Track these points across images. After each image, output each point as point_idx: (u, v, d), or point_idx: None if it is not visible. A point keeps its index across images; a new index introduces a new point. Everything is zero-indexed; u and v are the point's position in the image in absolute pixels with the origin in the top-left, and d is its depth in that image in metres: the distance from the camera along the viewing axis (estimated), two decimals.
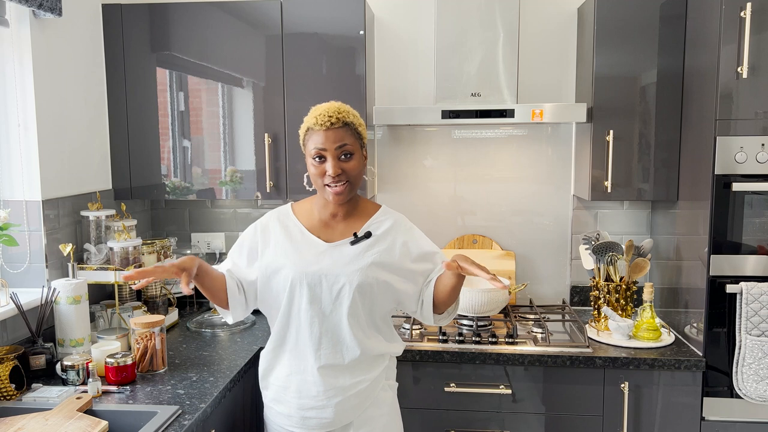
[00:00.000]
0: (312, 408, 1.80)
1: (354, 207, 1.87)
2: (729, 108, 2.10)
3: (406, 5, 2.81)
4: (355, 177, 1.78)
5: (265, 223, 1.90)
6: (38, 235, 2.22)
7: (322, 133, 1.73)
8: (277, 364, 1.86)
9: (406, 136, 2.89)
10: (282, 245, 1.83)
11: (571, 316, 2.63)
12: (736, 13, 2.05)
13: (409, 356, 2.30)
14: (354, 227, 1.84)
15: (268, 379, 1.89)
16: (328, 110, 1.75)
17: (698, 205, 2.25)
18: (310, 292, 1.77)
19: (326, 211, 1.85)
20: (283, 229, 1.86)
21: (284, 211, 1.91)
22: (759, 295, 2.10)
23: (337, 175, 1.74)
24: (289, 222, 1.88)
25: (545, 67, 2.79)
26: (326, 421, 1.81)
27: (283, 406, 1.84)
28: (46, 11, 2.14)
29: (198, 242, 2.97)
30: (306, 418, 1.81)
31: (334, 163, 1.73)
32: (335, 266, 1.78)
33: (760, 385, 2.12)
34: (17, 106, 2.18)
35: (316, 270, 1.78)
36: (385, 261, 1.80)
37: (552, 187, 2.85)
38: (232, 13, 2.53)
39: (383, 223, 1.86)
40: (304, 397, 1.80)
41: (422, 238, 1.89)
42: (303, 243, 1.83)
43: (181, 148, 2.65)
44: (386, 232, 1.84)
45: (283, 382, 1.84)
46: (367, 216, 1.87)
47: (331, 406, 1.79)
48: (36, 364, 2.00)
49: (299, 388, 1.81)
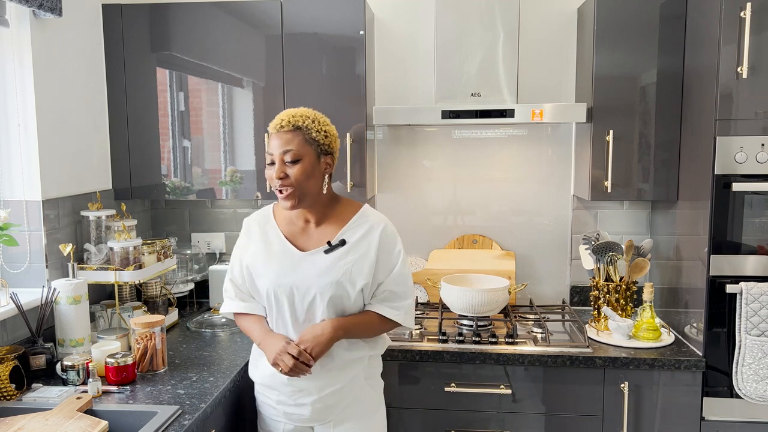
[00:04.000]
0: (290, 405, 1.87)
1: (330, 212, 1.86)
2: (729, 108, 2.10)
3: (406, 5, 2.81)
4: (302, 183, 1.75)
5: (247, 225, 1.94)
6: (38, 235, 2.21)
7: (273, 137, 1.77)
8: (260, 360, 1.92)
9: (406, 136, 2.89)
10: (260, 252, 1.86)
11: (571, 316, 2.63)
12: (736, 13, 2.05)
13: (409, 356, 2.30)
14: (329, 234, 1.84)
15: (254, 374, 1.96)
16: (284, 114, 1.78)
17: (698, 205, 2.25)
18: (286, 301, 1.82)
19: (299, 217, 1.88)
20: (263, 234, 1.89)
21: (265, 215, 1.93)
22: (759, 295, 2.10)
23: (280, 179, 1.74)
24: (269, 227, 1.90)
25: (545, 67, 2.79)
26: (305, 418, 1.88)
27: (266, 398, 1.93)
28: (46, 11, 2.14)
29: (198, 242, 2.97)
30: (288, 413, 1.89)
31: (279, 167, 1.74)
32: (307, 278, 1.80)
33: (759, 385, 2.12)
34: (17, 106, 2.18)
35: (289, 281, 1.80)
36: (358, 270, 1.80)
37: (552, 187, 2.85)
38: (232, 13, 2.53)
39: (358, 229, 1.84)
40: (281, 395, 1.87)
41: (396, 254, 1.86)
42: (279, 251, 1.85)
43: (181, 148, 2.65)
44: (361, 238, 1.82)
45: (261, 379, 1.92)
46: (344, 221, 1.85)
47: (307, 405, 1.85)
48: (36, 364, 2.00)
49: (274, 387, 1.88)
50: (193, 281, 2.83)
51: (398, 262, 1.85)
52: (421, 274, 2.83)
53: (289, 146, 1.74)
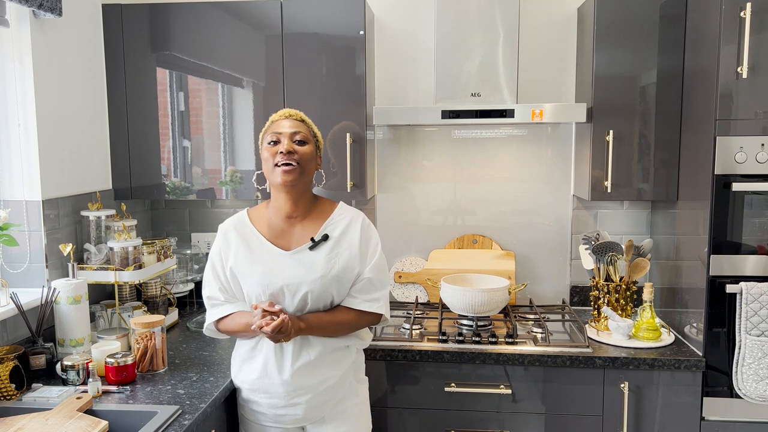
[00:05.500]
0: (283, 407, 1.87)
1: (311, 208, 1.91)
2: (729, 108, 2.10)
3: (406, 5, 2.81)
4: (307, 162, 1.83)
5: (224, 230, 1.93)
6: (38, 235, 2.22)
7: (280, 122, 1.86)
8: (245, 366, 1.92)
9: (406, 136, 2.89)
10: (242, 255, 1.86)
11: (571, 316, 2.63)
12: (736, 13, 2.05)
13: (409, 356, 2.30)
14: (311, 230, 1.88)
15: (237, 380, 1.95)
16: (286, 109, 1.90)
17: (698, 205, 2.25)
18: (274, 299, 1.82)
19: (281, 214, 1.89)
20: (241, 237, 1.89)
21: (241, 219, 1.94)
22: (759, 295, 2.10)
23: (289, 153, 1.79)
24: (246, 230, 1.90)
25: (545, 67, 2.79)
26: (298, 417, 1.88)
27: (255, 405, 1.91)
28: (46, 11, 2.14)
29: (198, 242, 2.98)
30: (278, 415, 1.89)
31: (288, 143, 1.81)
32: (296, 276, 1.82)
33: (759, 385, 2.12)
34: (17, 106, 2.18)
35: (278, 281, 1.82)
36: (344, 263, 1.85)
37: (552, 187, 2.85)
38: (232, 13, 2.53)
39: (339, 223, 1.90)
40: (273, 398, 1.87)
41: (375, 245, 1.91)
42: (262, 252, 1.86)
43: (181, 148, 2.65)
44: (343, 232, 1.88)
45: (250, 384, 1.90)
46: (324, 217, 1.90)
47: (302, 404, 1.86)
48: (36, 364, 2.00)
49: (267, 390, 1.87)
50: (193, 281, 2.84)
51: (377, 252, 1.91)
52: (421, 274, 2.83)
53: (299, 129, 1.85)
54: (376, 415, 2.11)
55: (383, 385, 2.33)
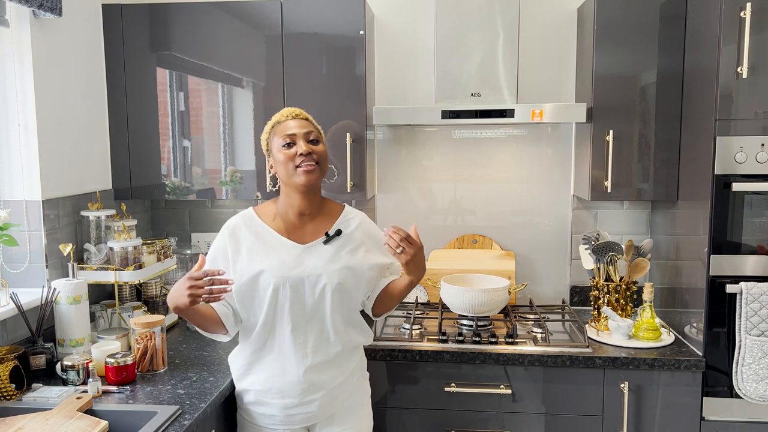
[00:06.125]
0: (297, 405, 1.86)
1: (320, 207, 1.92)
2: (729, 108, 2.10)
3: (406, 5, 2.81)
4: (324, 161, 1.85)
5: (231, 228, 1.88)
6: (38, 235, 2.22)
7: (290, 122, 1.84)
8: (254, 367, 1.89)
9: (406, 136, 2.89)
10: (256, 251, 1.84)
11: (571, 316, 2.63)
12: (736, 13, 2.05)
13: (409, 356, 2.30)
14: (323, 227, 1.90)
15: (243, 383, 1.91)
16: (290, 109, 1.89)
17: (698, 205, 2.25)
18: (293, 294, 1.81)
19: (293, 211, 1.88)
20: (253, 234, 1.87)
21: (249, 216, 1.91)
22: (759, 295, 2.10)
23: (308, 154, 1.80)
24: (258, 227, 1.89)
25: (545, 67, 2.79)
26: (311, 415, 1.88)
27: (264, 407, 1.88)
28: (46, 11, 2.14)
29: (198, 242, 2.97)
30: (290, 415, 1.88)
31: (305, 144, 1.81)
32: (315, 267, 1.83)
33: (759, 385, 2.12)
34: (17, 106, 2.18)
35: (297, 273, 1.81)
36: (359, 257, 1.87)
37: (552, 187, 2.85)
38: (232, 13, 2.53)
39: (351, 221, 1.93)
40: (287, 397, 1.86)
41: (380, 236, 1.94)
42: (278, 247, 1.85)
43: (181, 148, 2.65)
44: (356, 229, 1.92)
45: (262, 385, 1.87)
46: (335, 216, 1.93)
47: (317, 400, 1.86)
48: (36, 364, 2.00)
49: (281, 390, 1.85)
50: None
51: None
52: None
53: (311, 128, 1.85)
54: (376, 415, 2.11)
55: (383, 385, 2.33)
